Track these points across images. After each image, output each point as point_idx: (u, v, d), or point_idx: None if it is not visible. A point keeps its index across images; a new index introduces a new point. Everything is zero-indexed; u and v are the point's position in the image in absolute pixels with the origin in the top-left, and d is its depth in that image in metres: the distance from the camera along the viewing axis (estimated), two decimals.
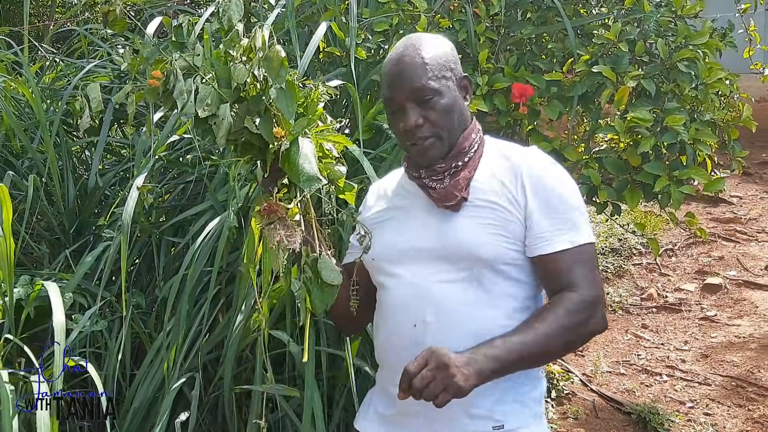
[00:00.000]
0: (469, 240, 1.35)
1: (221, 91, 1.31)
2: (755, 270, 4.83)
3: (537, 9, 2.50)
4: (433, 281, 1.36)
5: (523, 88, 2.23)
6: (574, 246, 1.33)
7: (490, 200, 1.37)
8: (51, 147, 2.30)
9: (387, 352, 1.43)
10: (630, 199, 2.23)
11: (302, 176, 1.32)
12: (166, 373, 1.87)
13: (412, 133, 1.37)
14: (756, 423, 3.14)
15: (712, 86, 2.23)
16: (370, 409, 1.50)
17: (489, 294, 1.36)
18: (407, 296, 1.38)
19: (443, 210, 1.38)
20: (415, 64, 1.38)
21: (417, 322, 1.35)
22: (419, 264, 1.38)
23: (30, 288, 1.96)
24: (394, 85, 1.39)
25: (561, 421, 3.22)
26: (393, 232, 1.44)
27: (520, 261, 1.37)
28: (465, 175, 1.39)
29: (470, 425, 1.34)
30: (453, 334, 1.33)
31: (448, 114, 1.39)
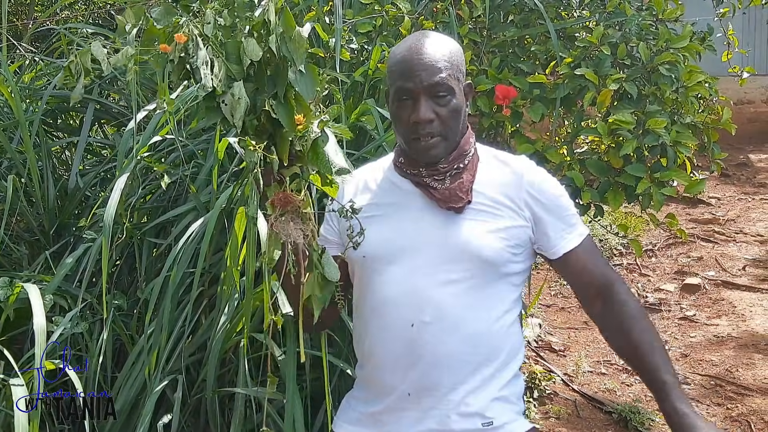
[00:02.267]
0: (473, 242, 1.36)
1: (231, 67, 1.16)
2: (733, 270, 4.90)
3: (520, 11, 2.51)
4: (433, 282, 1.36)
5: (506, 90, 2.24)
6: (583, 238, 1.43)
7: (492, 204, 1.39)
8: (30, 147, 2.28)
9: (378, 349, 1.40)
10: (612, 201, 2.26)
11: (333, 167, 1.25)
12: (147, 375, 1.86)
13: (421, 126, 1.36)
14: (735, 421, 3.18)
15: (692, 89, 2.25)
16: (350, 411, 1.49)
17: (485, 296, 1.38)
18: (404, 295, 1.37)
19: (445, 211, 1.38)
20: (436, 59, 1.36)
21: (415, 321, 1.35)
22: (418, 263, 1.37)
23: (9, 290, 1.93)
24: (411, 74, 1.35)
25: (543, 420, 3.24)
26: (387, 229, 1.41)
27: (518, 265, 1.41)
28: (468, 178, 1.40)
29: (461, 422, 1.35)
30: (450, 336, 1.34)
31: (457, 115, 1.38)
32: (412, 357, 1.36)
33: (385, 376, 1.40)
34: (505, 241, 1.38)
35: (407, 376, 1.36)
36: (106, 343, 1.96)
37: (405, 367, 1.36)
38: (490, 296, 1.38)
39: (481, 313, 1.37)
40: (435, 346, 1.34)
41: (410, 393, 1.36)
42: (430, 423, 1.36)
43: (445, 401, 1.35)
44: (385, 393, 1.40)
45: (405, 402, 1.37)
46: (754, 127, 8.15)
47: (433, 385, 1.35)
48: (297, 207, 1.25)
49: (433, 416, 1.35)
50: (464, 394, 1.35)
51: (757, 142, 8.00)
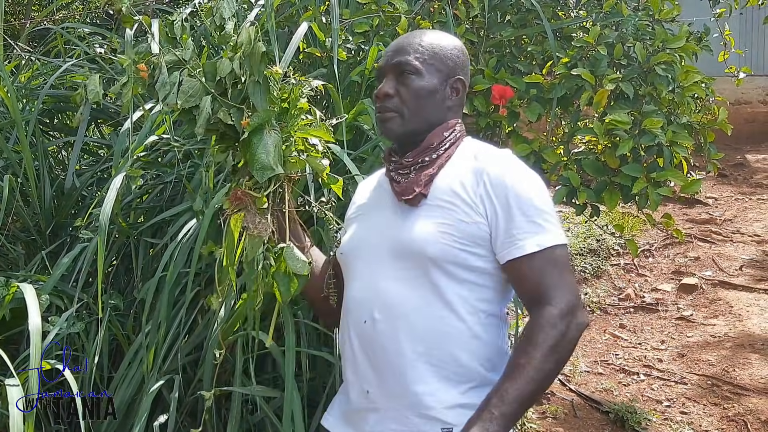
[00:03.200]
0: (419, 238, 1.33)
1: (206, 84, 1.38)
2: (730, 270, 4.91)
3: (517, 11, 2.51)
4: (383, 278, 1.36)
5: (502, 90, 2.24)
6: (541, 249, 1.30)
7: (446, 200, 1.35)
8: (27, 147, 2.27)
9: (344, 347, 1.44)
10: (609, 201, 2.26)
11: (257, 164, 1.37)
12: (145, 373, 1.85)
13: (380, 100, 1.42)
14: (731, 421, 3.19)
15: (688, 89, 2.26)
16: (335, 406, 1.50)
17: (441, 295, 1.33)
18: (361, 292, 1.40)
19: (403, 207, 1.38)
20: (410, 43, 1.44)
21: (367, 318, 1.36)
22: (376, 260, 1.39)
23: (5, 290, 1.92)
24: (385, 56, 1.46)
25: (540, 420, 3.24)
26: (360, 228, 1.47)
27: (476, 263, 1.34)
28: (428, 172, 1.38)
29: (420, 424, 1.31)
30: (400, 334, 1.32)
31: (418, 96, 1.40)
32: (366, 354, 1.36)
33: (348, 374, 1.43)
34: (453, 237, 1.32)
35: (365, 374, 1.37)
36: (103, 342, 1.96)
37: (362, 365, 1.38)
38: (448, 295, 1.32)
39: (439, 312, 1.32)
40: (386, 344, 1.33)
41: (369, 391, 1.37)
42: (390, 423, 1.34)
43: (403, 401, 1.32)
44: (350, 391, 1.42)
45: (366, 400, 1.37)
46: (751, 128, 8.16)
47: (388, 383, 1.34)
48: (250, 204, 1.37)
49: (393, 417, 1.34)
50: (421, 395, 1.31)
51: (754, 143, 8.01)
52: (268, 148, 1.38)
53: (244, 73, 1.39)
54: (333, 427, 1.47)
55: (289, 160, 1.45)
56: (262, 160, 1.37)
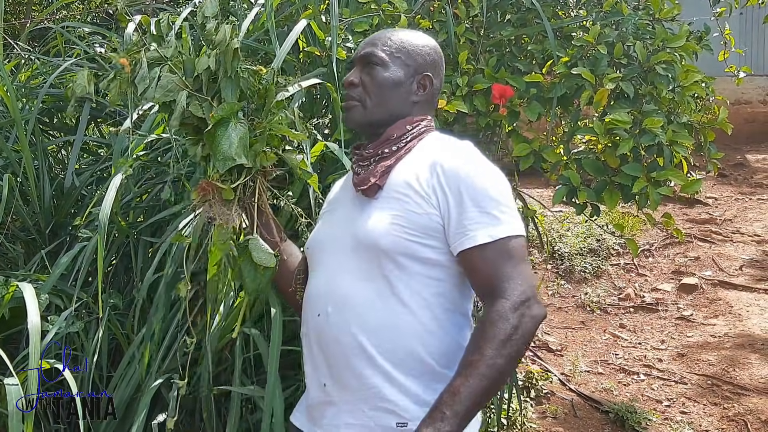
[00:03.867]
0: (373, 230, 1.32)
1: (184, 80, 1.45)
2: (730, 270, 4.90)
3: (517, 11, 2.51)
4: (338, 271, 1.37)
5: (502, 89, 2.24)
6: (494, 240, 1.27)
7: (401, 191, 1.34)
8: (26, 146, 2.27)
9: (304, 341, 1.45)
10: (609, 200, 2.25)
11: (219, 155, 1.41)
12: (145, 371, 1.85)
13: (346, 89, 1.46)
14: (731, 421, 3.19)
15: (688, 89, 2.25)
16: (302, 402, 1.51)
17: (394, 288, 1.31)
18: (319, 286, 1.41)
19: (362, 200, 1.39)
20: (381, 37, 1.48)
21: (321, 311, 1.37)
22: (335, 254, 1.40)
23: (5, 289, 1.92)
24: (356, 51, 1.51)
25: (540, 420, 3.24)
26: (325, 223, 1.51)
27: (428, 255, 1.32)
28: (385, 164, 1.38)
29: (375, 417, 1.30)
30: (352, 327, 1.31)
31: (382, 87, 1.43)
32: (321, 348, 1.37)
33: (307, 368, 1.44)
34: (404, 228, 1.31)
35: (321, 368, 1.38)
36: (102, 342, 1.96)
37: (318, 358, 1.38)
38: (401, 288, 1.31)
39: (393, 306, 1.31)
40: (339, 337, 1.33)
41: (326, 384, 1.37)
42: (346, 417, 1.33)
43: (358, 394, 1.32)
44: (309, 385, 1.43)
45: (323, 394, 1.37)
46: (751, 128, 8.16)
47: (343, 377, 1.34)
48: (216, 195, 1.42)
49: (348, 410, 1.33)
50: (375, 389, 1.30)
51: (754, 143, 8.01)
52: (231, 139, 1.42)
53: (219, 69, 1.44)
54: (300, 423, 1.47)
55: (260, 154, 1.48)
56: (224, 150, 1.41)
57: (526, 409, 3.22)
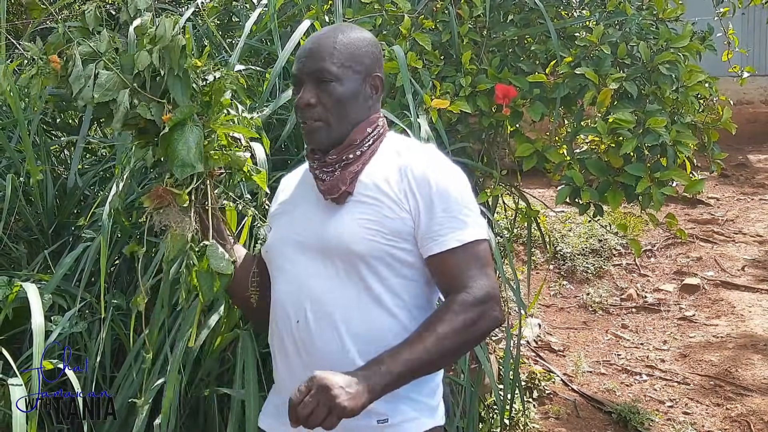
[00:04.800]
0: (345, 235, 1.33)
1: (123, 77, 1.33)
2: (732, 270, 4.90)
3: (520, 11, 2.51)
4: (311, 276, 1.35)
5: (506, 90, 2.24)
6: (462, 244, 1.31)
7: (371, 196, 1.35)
8: (29, 146, 2.27)
9: (275, 346, 1.42)
10: (612, 200, 2.25)
11: (177, 162, 1.32)
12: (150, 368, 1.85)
13: (302, 110, 1.38)
14: (734, 422, 3.18)
15: (692, 89, 2.25)
16: (269, 406, 1.49)
17: (371, 292, 1.33)
18: (290, 291, 1.38)
19: (329, 204, 1.37)
20: (325, 46, 1.38)
21: (299, 318, 1.35)
22: (301, 258, 1.38)
23: (8, 289, 1.92)
24: (299, 61, 1.40)
25: (542, 420, 3.23)
26: (284, 224, 1.45)
27: (404, 258, 1.34)
28: (353, 169, 1.37)
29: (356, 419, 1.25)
30: (333, 332, 1.32)
31: (341, 103, 1.38)
32: (298, 352, 1.36)
33: (279, 371, 1.42)
34: (379, 233, 1.32)
35: (296, 371, 1.36)
36: (105, 342, 1.96)
37: (296, 362, 1.37)
38: (377, 292, 1.33)
39: (369, 309, 1.33)
40: (318, 342, 1.33)
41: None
42: None
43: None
44: (284, 389, 1.39)
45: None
46: (753, 128, 8.15)
47: None
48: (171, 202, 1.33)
49: None
50: None
51: (756, 143, 8.00)
52: (189, 144, 1.34)
53: (162, 66, 1.33)
54: (270, 427, 1.45)
55: (210, 155, 1.41)
56: (183, 156, 1.33)
57: (528, 410, 3.22)
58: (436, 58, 2.37)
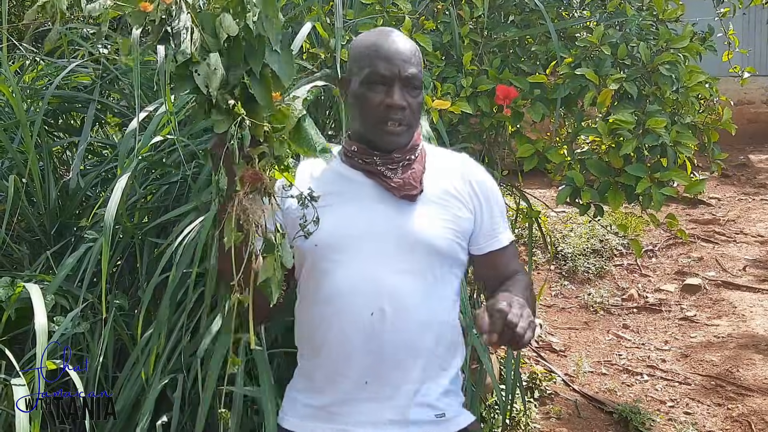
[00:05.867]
0: (426, 232, 1.38)
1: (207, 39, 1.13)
2: (734, 270, 4.90)
3: (520, 12, 2.52)
4: (389, 270, 1.36)
5: (506, 90, 2.24)
6: (510, 242, 1.50)
7: (440, 196, 1.42)
8: (32, 147, 2.27)
9: (335, 338, 1.37)
10: (612, 201, 2.26)
11: (318, 145, 1.19)
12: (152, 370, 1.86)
13: (394, 111, 1.38)
14: (735, 421, 3.19)
15: (692, 89, 2.26)
16: (296, 404, 1.44)
17: (436, 286, 1.40)
18: (363, 283, 1.36)
19: (399, 201, 1.39)
20: (410, 50, 1.41)
21: (374, 310, 1.34)
22: (374, 252, 1.37)
23: (11, 290, 1.93)
24: (390, 62, 1.38)
25: (544, 421, 3.24)
26: (338, 217, 1.38)
27: (462, 257, 1.45)
28: (419, 169, 1.42)
29: (417, 413, 1.36)
30: (407, 325, 1.36)
31: (420, 110, 1.45)
32: (370, 345, 1.35)
33: (340, 366, 1.37)
34: (454, 231, 1.41)
35: (365, 365, 1.35)
36: (107, 342, 1.96)
37: (363, 356, 1.35)
38: (441, 286, 1.41)
39: (434, 303, 1.39)
40: (393, 335, 1.34)
41: (368, 381, 1.35)
42: (388, 413, 1.35)
43: (402, 391, 1.35)
44: (338, 383, 1.37)
45: (361, 392, 1.36)
46: (754, 128, 8.15)
47: (391, 374, 1.35)
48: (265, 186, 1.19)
49: (391, 406, 1.35)
50: (419, 385, 1.37)
51: (757, 143, 8.00)
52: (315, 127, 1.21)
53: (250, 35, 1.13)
54: (297, 426, 1.42)
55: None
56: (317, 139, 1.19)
57: (529, 410, 3.23)
58: (437, 59, 2.37)
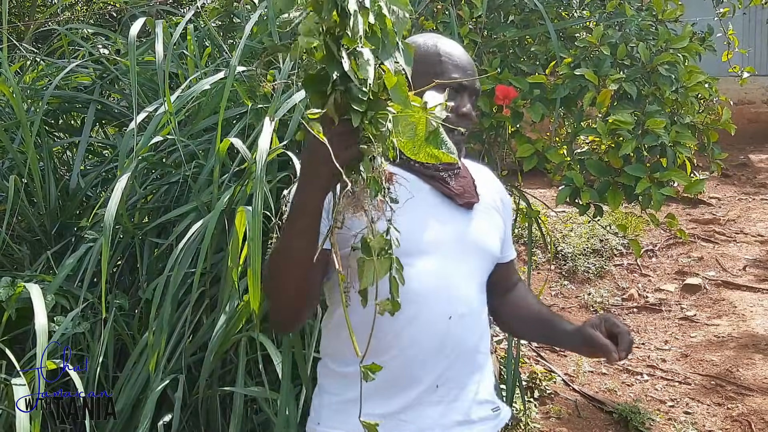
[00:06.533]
0: (486, 238, 1.45)
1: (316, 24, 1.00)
2: (734, 270, 4.90)
3: (520, 12, 2.52)
4: (461, 275, 1.39)
5: (506, 90, 2.24)
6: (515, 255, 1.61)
7: (488, 207, 1.48)
8: (32, 147, 2.28)
9: (407, 344, 1.33)
10: (612, 201, 2.26)
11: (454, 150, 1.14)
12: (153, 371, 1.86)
13: (463, 119, 1.41)
14: (735, 421, 3.19)
15: (692, 89, 2.26)
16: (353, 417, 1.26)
17: (484, 289, 1.47)
18: (437, 288, 1.34)
19: (456, 207, 1.41)
20: (474, 66, 1.46)
21: (452, 314, 1.35)
22: (442, 256, 1.36)
23: (11, 290, 1.93)
24: (464, 71, 1.42)
25: (544, 420, 3.24)
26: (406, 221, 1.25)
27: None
28: (470, 178, 1.47)
29: (478, 411, 1.41)
30: (473, 328, 1.41)
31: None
32: (444, 349, 1.35)
33: (414, 371, 1.34)
34: (499, 239, 1.49)
35: (438, 369, 1.35)
36: (108, 342, 1.97)
37: (437, 360, 1.35)
38: (484, 289, 1.47)
39: (483, 305, 1.46)
40: (463, 338, 1.38)
41: (438, 385, 1.35)
42: (454, 415, 1.37)
43: (466, 392, 1.39)
44: (410, 389, 1.34)
45: (431, 395, 1.35)
46: (754, 128, 8.15)
47: (458, 376, 1.38)
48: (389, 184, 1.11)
49: (457, 408, 1.37)
50: (478, 384, 1.42)
51: (757, 143, 8.00)
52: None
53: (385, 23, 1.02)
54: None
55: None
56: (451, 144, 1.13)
57: (529, 410, 3.23)
58: None
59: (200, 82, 2.23)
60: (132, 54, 2.21)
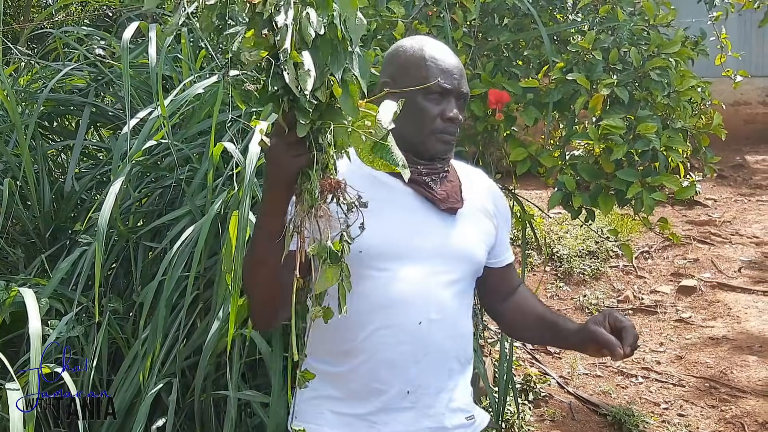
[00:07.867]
0: (468, 244, 1.43)
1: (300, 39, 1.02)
2: (729, 272, 4.92)
3: (514, 16, 2.52)
4: (437, 281, 1.38)
5: (499, 94, 2.25)
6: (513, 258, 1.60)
7: (473, 209, 1.45)
8: (26, 150, 2.28)
9: (380, 346, 1.34)
10: (603, 205, 2.27)
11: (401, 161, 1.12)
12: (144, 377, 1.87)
13: (450, 124, 1.41)
14: (728, 423, 3.20)
15: (684, 94, 2.26)
16: (323, 412, 1.38)
17: (466, 296, 1.45)
18: (410, 293, 1.34)
19: (439, 212, 1.40)
20: (462, 67, 1.45)
21: (422, 319, 1.35)
22: (419, 261, 1.36)
23: (5, 293, 1.94)
24: (451, 77, 1.41)
25: (538, 423, 3.25)
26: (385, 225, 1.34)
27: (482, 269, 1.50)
28: (457, 183, 1.45)
29: (451, 418, 1.40)
30: (448, 335, 1.40)
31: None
32: (416, 355, 1.35)
33: (382, 374, 1.35)
34: (485, 245, 1.47)
35: (409, 374, 1.35)
36: (102, 346, 1.97)
37: (408, 365, 1.35)
38: (467, 296, 1.46)
39: (465, 311, 1.45)
40: (437, 344, 1.37)
41: (409, 391, 1.36)
42: (426, 421, 1.37)
43: (439, 398, 1.38)
44: (381, 392, 1.35)
45: (402, 401, 1.36)
46: (750, 129, 8.17)
47: (431, 383, 1.38)
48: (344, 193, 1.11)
49: (429, 414, 1.37)
50: (451, 391, 1.41)
51: (753, 144, 8.02)
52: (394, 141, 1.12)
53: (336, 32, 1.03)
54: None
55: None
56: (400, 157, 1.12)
57: (524, 412, 3.24)
58: None
59: (194, 86, 2.24)
60: (125, 59, 2.21)
